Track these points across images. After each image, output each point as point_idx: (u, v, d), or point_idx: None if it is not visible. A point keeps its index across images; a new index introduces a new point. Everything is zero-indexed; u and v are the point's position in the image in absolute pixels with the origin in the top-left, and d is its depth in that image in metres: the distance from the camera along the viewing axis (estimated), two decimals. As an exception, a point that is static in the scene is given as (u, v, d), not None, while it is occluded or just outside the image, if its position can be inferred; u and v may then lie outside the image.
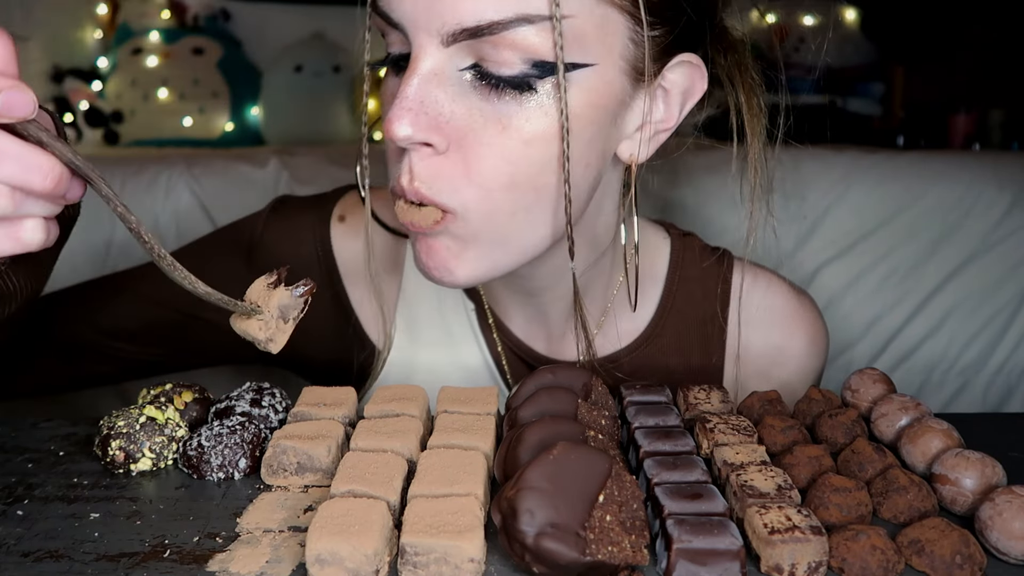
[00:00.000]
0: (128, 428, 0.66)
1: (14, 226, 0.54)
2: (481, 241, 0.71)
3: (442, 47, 0.65)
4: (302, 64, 2.34)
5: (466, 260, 0.72)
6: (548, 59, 0.65)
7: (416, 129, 0.66)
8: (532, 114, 0.66)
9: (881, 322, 1.49)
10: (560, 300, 0.85)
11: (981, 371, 1.49)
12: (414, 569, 0.51)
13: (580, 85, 0.67)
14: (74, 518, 0.59)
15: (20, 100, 0.50)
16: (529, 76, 0.65)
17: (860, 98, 2.55)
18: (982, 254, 1.48)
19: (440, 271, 0.72)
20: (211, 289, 0.57)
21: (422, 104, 0.66)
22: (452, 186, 0.68)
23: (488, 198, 0.68)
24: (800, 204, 1.47)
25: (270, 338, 0.60)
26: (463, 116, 0.67)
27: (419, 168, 0.68)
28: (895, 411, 0.70)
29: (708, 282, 0.91)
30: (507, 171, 0.68)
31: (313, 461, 0.63)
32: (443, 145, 0.67)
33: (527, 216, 0.70)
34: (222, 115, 2.34)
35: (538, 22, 0.64)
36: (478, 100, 0.67)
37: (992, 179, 1.49)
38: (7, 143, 0.51)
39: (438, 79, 0.66)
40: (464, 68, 0.66)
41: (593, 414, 0.65)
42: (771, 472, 0.59)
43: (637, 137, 0.73)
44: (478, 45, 0.64)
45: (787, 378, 0.91)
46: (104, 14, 2.52)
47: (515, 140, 0.67)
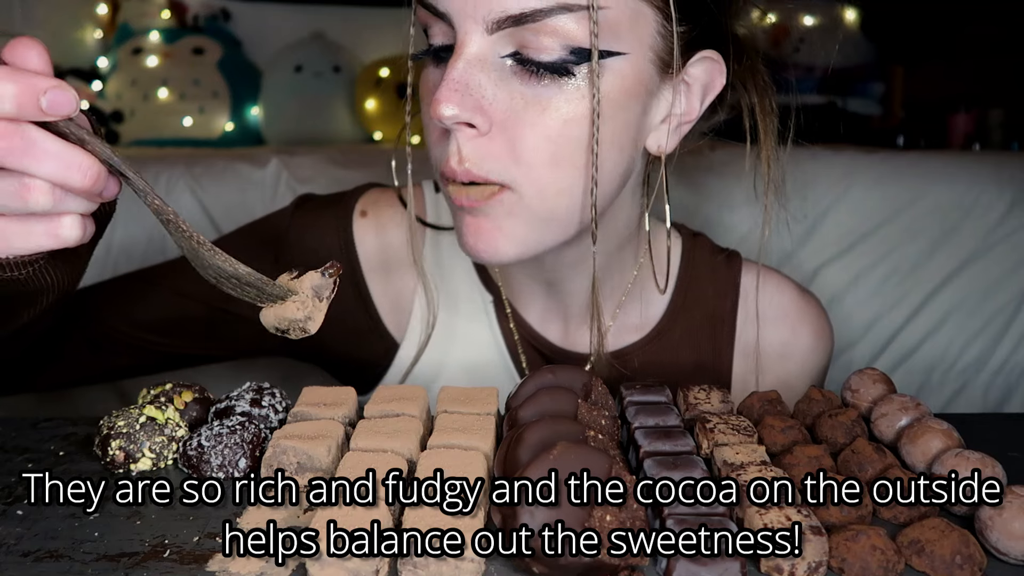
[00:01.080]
0: (128, 428, 0.66)
1: (53, 222, 0.56)
2: (531, 216, 0.75)
3: (486, 34, 0.70)
4: (302, 64, 2.34)
5: (513, 237, 0.75)
6: (585, 45, 0.70)
7: (462, 109, 0.70)
8: (570, 96, 0.71)
9: (881, 322, 1.49)
10: (579, 292, 0.89)
11: (981, 371, 1.49)
12: (414, 569, 0.51)
13: (614, 71, 0.72)
14: (74, 518, 0.59)
15: (64, 99, 0.52)
16: (567, 62, 0.70)
17: (860, 98, 2.55)
18: (982, 254, 1.48)
19: (488, 250, 0.76)
20: (251, 270, 0.59)
21: (467, 87, 0.70)
22: (501, 164, 0.72)
23: (534, 174, 0.73)
24: (800, 204, 1.47)
25: (308, 316, 0.62)
26: (505, 99, 0.71)
27: (467, 149, 0.72)
28: (895, 411, 0.70)
29: (718, 280, 0.95)
30: (549, 149, 0.72)
31: (313, 461, 0.63)
32: (486, 126, 0.71)
33: (570, 194, 0.75)
34: (222, 115, 2.34)
35: (576, 11, 0.69)
36: (519, 84, 0.71)
37: (992, 179, 1.49)
38: (49, 142, 0.53)
39: (482, 64, 0.71)
40: (505, 55, 0.71)
41: (593, 414, 0.65)
42: (771, 472, 0.59)
43: (663, 128, 0.78)
44: (520, 32, 0.69)
45: (793, 374, 0.95)
46: (104, 14, 2.52)
47: (555, 120, 0.71)
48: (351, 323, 0.95)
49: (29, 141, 0.53)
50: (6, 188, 0.54)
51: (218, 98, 2.33)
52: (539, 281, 0.90)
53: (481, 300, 0.94)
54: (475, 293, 0.95)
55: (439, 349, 0.94)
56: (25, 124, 0.53)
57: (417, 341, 0.95)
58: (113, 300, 0.94)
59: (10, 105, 0.51)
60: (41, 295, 0.67)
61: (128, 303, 0.94)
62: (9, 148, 0.52)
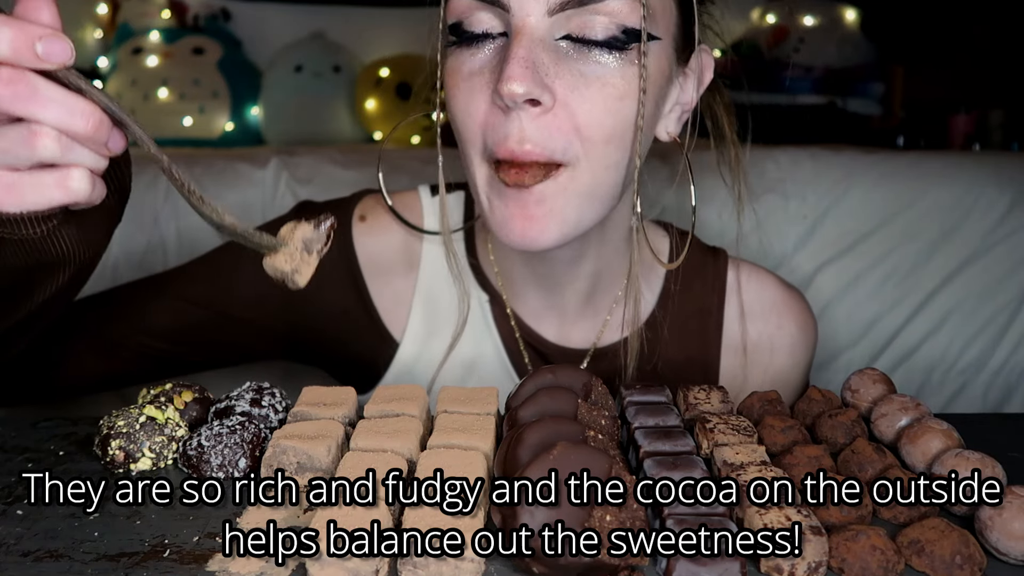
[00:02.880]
0: (128, 428, 0.66)
1: (62, 174, 0.58)
2: (581, 194, 0.78)
3: (546, 16, 0.74)
4: (302, 64, 2.34)
5: (563, 218, 0.77)
6: (633, 26, 0.75)
7: (532, 85, 0.72)
8: (625, 72, 0.76)
9: (881, 322, 1.49)
10: (576, 289, 0.92)
11: (981, 371, 1.49)
12: (414, 569, 0.51)
13: (654, 53, 0.77)
14: (74, 518, 0.59)
15: (59, 47, 0.54)
16: (619, 40, 0.75)
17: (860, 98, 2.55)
18: (982, 254, 1.48)
19: (535, 232, 0.77)
20: (237, 221, 0.60)
21: (533, 64, 0.73)
22: (564, 141, 0.75)
23: (594, 149, 0.76)
24: (800, 204, 1.47)
25: (296, 269, 0.62)
26: (567, 76, 0.75)
27: (530, 129, 0.74)
28: (895, 411, 0.70)
29: (705, 277, 0.98)
30: (608, 123, 0.76)
31: (313, 461, 0.63)
32: (550, 102, 0.74)
33: (616, 169, 0.79)
34: (222, 115, 2.34)
35: None
36: (576, 63, 0.75)
37: (992, 179, 1.49)
38: (51, 89, 0.55)
39: (543, 44, 0.74)
40: (560, 37, 0.75)
41: (593, 414, 0.65)
42: (771, 472, 0.59)
43: (671, 116, 0.84)
44: (578, 15, 0.74)
45: (778, 367, 0.98)
46: (104, 14, 2.52)
47: (612, 96, 0.75)
48: (352, 324, 0.97)
49: (32, 87, 0.54)
50: (15, 136, 0.55)
51: (218, 98, 2.33)
52: (537, 279, 0.92)
53: (478, 300, 0.96)
54: (472, 291, 0.96)
55: (436, 348, 0.96)
56: (27, 72, 0.54)
57: (418, 342, 0.96)
58: (119, 308, 0.95)
59: (6, 47, 0.53)
60: (57, 267, 0.67)
61: (135, 311, 0.95)
62: (15, 93, 0.54)
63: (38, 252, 0.64)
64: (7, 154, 0.56)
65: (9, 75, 0.54)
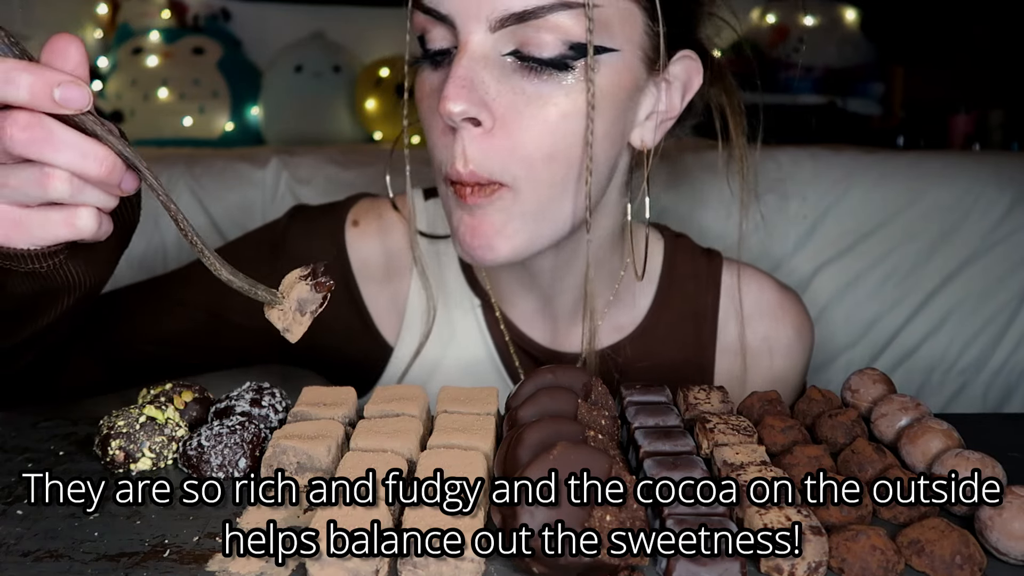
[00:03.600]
0: (128, 428, 0.66)
1: (70, 212, 0.59)
2: (526, 214, 0.77)
3: (489, 33, 0.73)
4: (302, 64, 2.34)
5: (509, 236, 0.78)
6: (582, 41, 0.73)
7: (469, 104, 0.72)
8: (570, 90, 0.74)
9: (881, 322, 1.49)
10: (567, 293, 0.91)
11: (981, 371, 1.49)
12: (414, 569, 0.51)
13: (607, 67, 0.75)
14: (74, 518, 0.59)
15: (77, 94, 0.56)
16: (566, 57, 0.73)
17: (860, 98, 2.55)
18: (982, 254, 1.48)
19: (483, 248, 0.78)
20: (234, 275, 0.61)
21: (472, 83, 0.73)
22: (503, 161, 0.75)
23: (533, 170, 0.76)
24: (800, 204, 1.47)
25: (287, 328, 0.64)
26: (508, 95, 0.74)
27: (471, 150, 0.74)
28: (895, 411, 0.70)
29: (699, 280, 0.97)
30: (548, 142, 0.75)
31: (313, 461, 0.63)
32: (490, 122, 0.74)
33: (563, 189, 0.78)
34: (222, 115, 2.34)
35: (574, 8, 0.72)
36: (520, 80, 0.74)
37: (992, 179, 1.49)
38: (67, 133, 0.56)
39: (485, 62, 0.73)
40: (506, 53, 0.74)
41: (593, 414, 0.65)
42: (771, 472, 0.59)
43: (648, 124, 0.82)
44: (521, 30, 0.72)
45: (775, 369, 0.97)
46: (104, 14, 2.52)
47: (554, 114, 0.74)
48: (346, 329, 0.97)
49: (48, 131, 0.56)
50: (28, 177, 0.57)
51: (218, 98, 2.33)
52: (527, 284, 0.91)
53: (470, 304, 0.96)
54: (464, 296, 0.96)
55: (430, 352, 0.95)
56: (45, 116, 0.56)
57: (412, 345, 0.96)
58: (115, 313, 0.94)
59: (25, 93, 0.55)
60: (63, 293, 0.68)
61: (131, 316, 0.94)
62: (31, 138, 0.55)
63: (44, 280, 0.65)
64: (18, 192, 0.58)
65: (26, 120, 0.55)
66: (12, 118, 0.55)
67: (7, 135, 0.55)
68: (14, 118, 0.55)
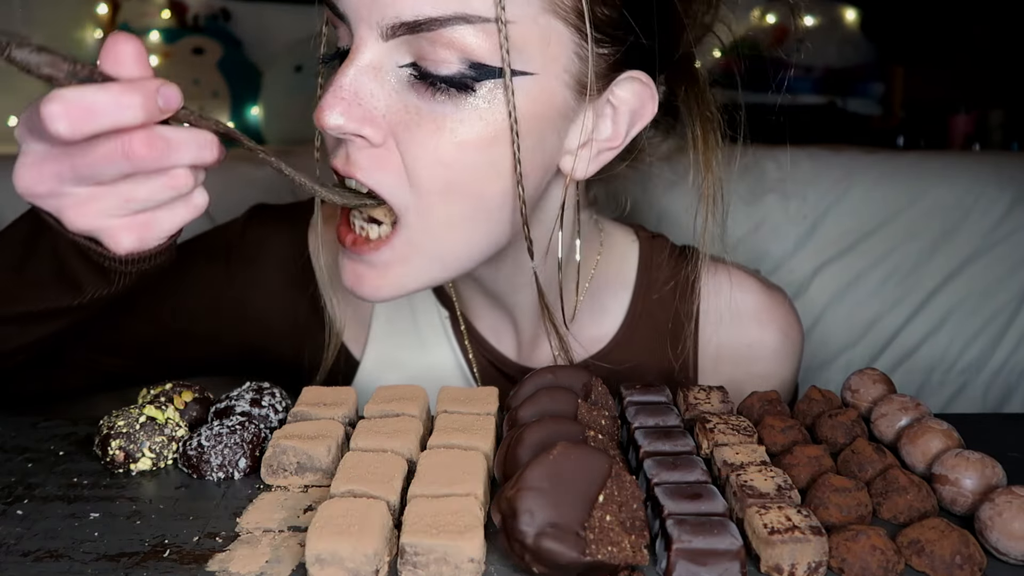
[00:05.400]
0: (128, 428, 0.66)
1: (187, 197, 0.61)
2: (419, 256, 0.71)
3: (381, 41, 0.65)
4: (302, 64, 2.34)
5: (394, 281, 0.72)
6: (486, 62, 0.64)
7: (348, 119, 0.65)
8: (466, 116, 0.66)
9: (881, 322, 1.49)
10: (525, 305, 0.86)
11: (981, 371, 1.49)
12: (414, 569, 0.51)
13: (521, 92, 0.66)
14: (74, 518, 0.59)
15: (174, 94, 0.57)
16: (466, 77, 0.65)
17: (860, 98, 2.55)
18: (982, 254, 1.48)
19: (370, 289, 0.72)
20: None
21: (356, 95, 0.66)
22: (394, 182, 0.68)
23: (425, 202, 0.68)
24: (800, 204, 1.47)
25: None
26: (399, 111, 0.66)
27: (357, 156, 0.68)
28: (895, 411, 0.70)
29: (678, 282, 0.90)
30: (443, 175, 0.67)
31: (313, 461, 0.63)
32: (378, 138, 0.67)
33: (463, 227, 0.70)
34: (222, 115, 2.34)
35: (477, 23, 0.64)
36: (415, 98, 0.66)
37: (992, 179, 1.49)
38: (179, 134, 0.58)
39: (375, 72, 0.66)
40: (403, 65, 0.66)
41: (593, 414, 0.65)
42: (771, 472, 0.59)
43: (580, 154, 0.72)
44: (417, 42, 0.64)
45: (763, 374, 0.91)
46: (104, 14, 2.52)
47: (448, 142, 0.66)
48: (308, 337, 0.91)
49: (166, 141, 0.57)
50: (157, 186, 0.59)
51: (218, 98, 2.34)
52: (486, 295, 0.86)
53: (438, 315, 0.92)
54: (431, 308, 0.92)
55: (399, 365, 0.91)
56: (156, 126, 0.57)
57: (377, 358, 0.91)
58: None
59: (141, 113, 0.55)
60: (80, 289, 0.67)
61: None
62: (157, 154, 0.57)
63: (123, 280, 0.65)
64: (149, 201, 0.59)
65: (145, 137, 0.56)
66: (129, 140, 0.56)
67: (136, 156, 0.56)
68: (131, 139, 0.56)
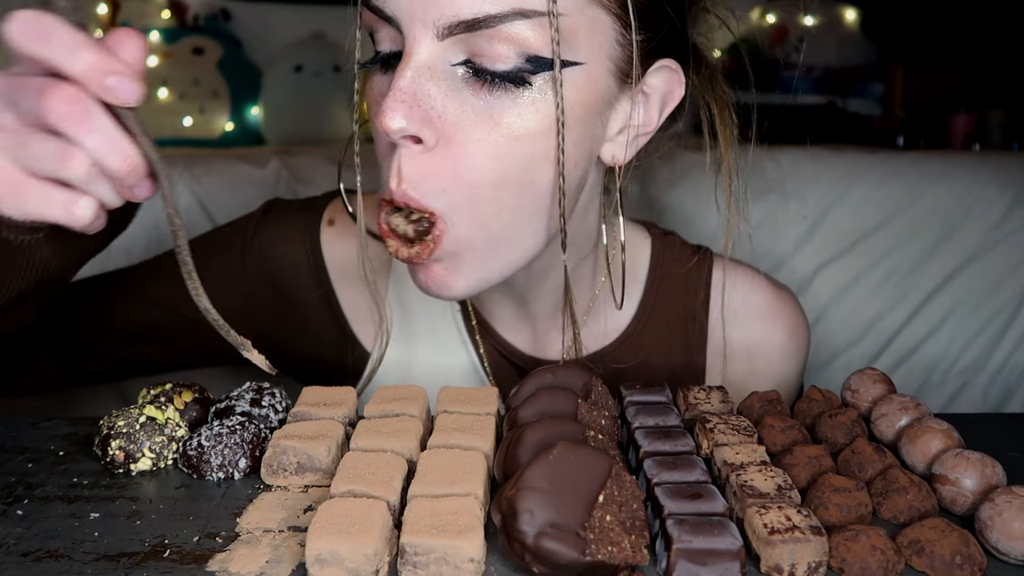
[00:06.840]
0: (128, 428, 0.66)
1: (71, 197, 0.57)
2: (474, 250, 0.71)
3: (436, 40, 0.66)
4: (302, 64, 2.34)
5: (462, 274, 0.72)
6: (542, 54, 0.66)
7: (410, 121, 0.66)
8: (524, 110, 0.67)
9: (881, 322, 1.49)
10: (545, 298, 0.87)
11: (981, 371, 1.49)
12: (414, 569, 0.51)
13: (571, 82, 0.68)
14: (74, 518, 0.59)
15: (128, 87, 0.55)
16: (523, 71, 0.66)
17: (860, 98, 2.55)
18: (982, 254, 1.48)
19: (439, 287, 0.73)
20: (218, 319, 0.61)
21: (415, 97, 0.66)
22: (440, 185, 0.68)
23: (476, 197, 0.69)
24: (800, 204, 1.47)
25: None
26: (455, 111, 0.67)
27: (407, 169, 0.68)
28: (895, 411, 0.70)
29: (689, 280, 0.92)
30: (496, 168, 0.68)
31: (313, 461, 0.63)
32: (432, 140, 0.67)
33: (514, 216, 0.71)
34: (222, 115, 2.34)
35: (533, 17, 0.65)
36: (470, 96, 0.67)
37: (992, 179, 1.49)
38: (102, 120, 0.55)
39: (431, 73, 0.66)
40: (457, 63, 0.67)
41: (593, 414, 0.65)
42: (771, 472, 0.59)
43: (619, 139, 0.75)
44: (472, 39, 0.65)
45: (769, 372, 0.93)
46: (104, 14, 2.52)
47: (505, 136, 0.67)
48: (320, 333, 0.93)
49: (87, 112, 0.55)
50: (50, 148, 0.55)
51: (218, 98, 2.33)
52: (505, 292, 0.87)
53: (449, 308, 0.92)
54: (444, 303, 0.92)
55: (411, 360, 0.92)
56: (89, 98, 0.55)
57: (391, 351, 0.92)
58: (78, 304, 0.91)
59: (82, 67, 0.54)
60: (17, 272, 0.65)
61: (95, 308, 0.91)
62: (69, 113, 0.54)
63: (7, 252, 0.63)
64: (33, 158, 0.56)
65: (71, 94, 0.54)
66: (58, 88, 0.54)
67: (47, 103, 0.54)
68: (60, 88, 0.54)
